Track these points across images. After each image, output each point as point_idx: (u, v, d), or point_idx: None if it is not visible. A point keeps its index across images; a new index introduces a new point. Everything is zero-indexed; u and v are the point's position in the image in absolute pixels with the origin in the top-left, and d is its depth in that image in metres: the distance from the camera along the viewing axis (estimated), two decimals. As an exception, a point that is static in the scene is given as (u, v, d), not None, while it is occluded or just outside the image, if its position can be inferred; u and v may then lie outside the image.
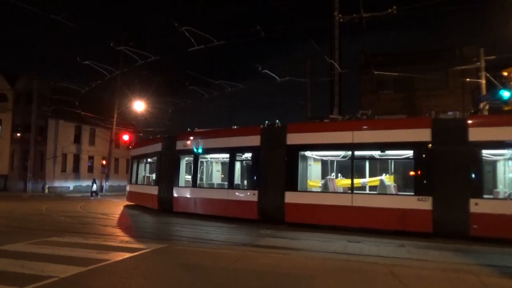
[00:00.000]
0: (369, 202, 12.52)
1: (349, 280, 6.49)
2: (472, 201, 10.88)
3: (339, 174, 15.05)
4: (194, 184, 17.06)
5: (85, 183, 39.94)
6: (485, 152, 11.59)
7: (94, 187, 31.00)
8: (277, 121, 14.70)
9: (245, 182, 16.59)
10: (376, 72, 19.01)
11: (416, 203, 11.61)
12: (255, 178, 14.64)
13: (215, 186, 18.20)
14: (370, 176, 14.46)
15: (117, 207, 21.31)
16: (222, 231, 12.40)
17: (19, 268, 6.61)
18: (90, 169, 42.75)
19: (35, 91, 33.52)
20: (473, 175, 11.16)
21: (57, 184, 37.27)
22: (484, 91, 17.99)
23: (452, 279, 6.56)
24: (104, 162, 42.18)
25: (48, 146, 37.62)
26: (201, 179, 18.77)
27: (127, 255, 7.90)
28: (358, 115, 13.86)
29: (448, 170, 11.42)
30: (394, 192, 13.07)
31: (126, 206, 21.72)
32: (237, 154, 15.79)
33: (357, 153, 13.11)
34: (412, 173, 12.58)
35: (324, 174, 15.35)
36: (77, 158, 40.94)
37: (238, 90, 20.70)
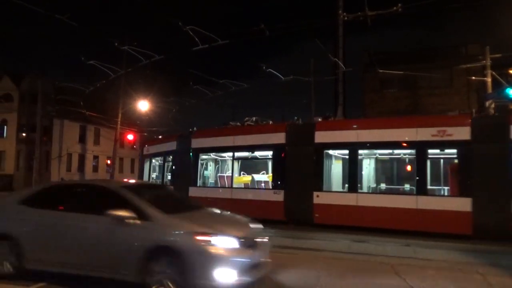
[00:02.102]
0: (241, 195, 14.93)
1: (355, 280, 6.47)
2: (315, 193, 12.90)
3: (242, 172, 16.90)
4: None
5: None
6: (326, 152, 13.66)
7: None
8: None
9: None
10: (380, 71, 18.93)
11: (273, 195, 13.86)
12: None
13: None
14: (255, 173, 16.63)
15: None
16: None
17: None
18: (95, 168, 42.99)
19: (40, 91, 33.68)
20: (316, 172, 13.26)
21: (62, 183, 37.50)
22: (489, 90, 17.86)
23: (458, 278, 6.53)
24: (108, 161, 42.38)
25: (53, 146, 37.87)
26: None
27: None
28: (243, 122, 16.08)
29: (297, 168, 13.44)
30: (259, 187, 15.52)
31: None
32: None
33: (237, 154, 15.72)
34: (271, 171, 15.11)
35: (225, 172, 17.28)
36: (82, 158, 41.19)
37: (242, 89, 20.67)
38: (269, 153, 15.15)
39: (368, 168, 14.55)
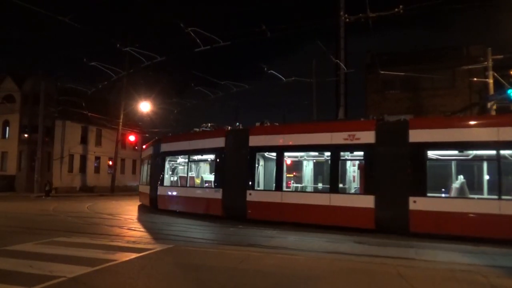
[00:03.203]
0: (192, 193, 16.96)
1: (357, 281, 6.46)
2: (248, 192, 14.33)
3: (196, 173, 18.83)
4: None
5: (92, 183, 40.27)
6: (258, 155, 14.91)
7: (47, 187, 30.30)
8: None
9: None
10: (382, 72, 18.91)
11: (215, 194, 15.46)
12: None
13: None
14: (204, 174, 18.73)
15: (123, 208, 21.42)
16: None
17: (27, 268, 6.66)
18: (97, 169, 43.01)
19: (42, 92, 33.77)
20: (249, 172, 14.55)
21: (64, 184, 37.51)
22: (491, 91, 17.82)
23: (460, 280, 6.51)
24: (110, 162, 42.41)
25: (55, 146, 37.91)
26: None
27: (133, 255, 7.93)
28: (200, 128, 17.88)
29: (234, 169, 14.93)
30: (205, 186, 17.38)
31: (133, 206, 21.81)
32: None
33: (191, 157, 17.53)
34: (214, 172, 16.58)
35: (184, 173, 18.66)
36: (83, 159, 41.21)
37: (244, 90, 20.71)
38: (212, 156, 16.69)
39: (291, 169, 15.97)
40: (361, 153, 12.95)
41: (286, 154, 14.45)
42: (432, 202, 11.45)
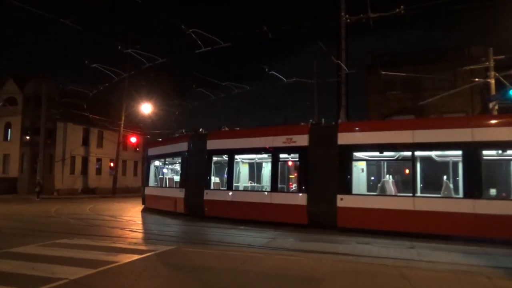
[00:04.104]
0: (161, 193, 19.24)
1: (359, 282, 6.45)
2: (205, 191, 15.74)
3: (167, 174, 20.42)
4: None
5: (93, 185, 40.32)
6: (214, 157, 16.31)
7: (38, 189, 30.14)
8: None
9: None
10: (383, 73, 18.90)
11: (179, 193, 16.96)
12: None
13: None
14: (175, 175, 19.90)
15: (125, 209, 21.43)
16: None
17: (29, 270, 6.67)
18: (98, 171, 43.07)
19: (44, 94, 33.85)
20: (206, 173, 16.00)
21: (66, 186, 37.58)
22: (493, 91, 17.78)
23: (463, 281, 6.49)
24: (112, 164, 42.46)
25: (57, 148, 37.97)
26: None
27: (135, 257, 7.94)
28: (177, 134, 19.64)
29: (195, 170, 16.49)
30: (172, 186, 18.71)
31: (134, 208, 21.82)
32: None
33: (166, 160, 19.85)
34: (179, 173, 18.06)
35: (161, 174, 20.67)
36: (85, 161, 41.28)
37: (245, 91, 20.76)
38: (179, 159, 18.12)
39: (241, 170, 17.07)
40: (297, 155, 14.02)
41: (236, 156, 15.81)
42: (356, 199, 12.48)
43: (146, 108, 32.63)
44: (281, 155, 14.45)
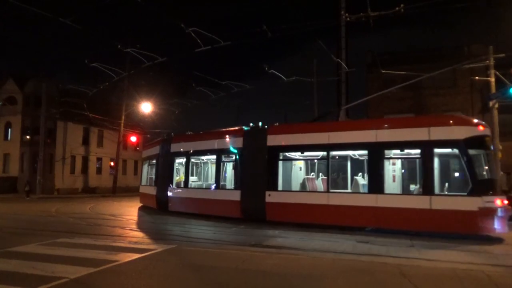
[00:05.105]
0: (144, 190, 21.98)
1: (359, 280, 6.46)
2: (169, 188, 17.88)
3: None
4: None
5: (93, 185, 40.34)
6: (177, 159, 18.07)
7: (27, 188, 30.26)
8: None
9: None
10: (383, 71, 18.88)
11: (153, 190, 19.27)
12: None
13: None
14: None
15: (125, 208, 21.44)
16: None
17: (30, 269, 6.67)
18: (99, 170, 43.08)
19: (44, 94, 33.84)
20: (171, 173, 18.04)
21: (66, 185, 37.60)
22: (493, 90, 17.77)
23: (463, 278, 6.49)
24: (112, 163, 42.47)
25: (57, 148, 37.99)
26: None
27: (136, 256, 7.94)
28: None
29: (163, 170, 18.60)
30: (150, 185, 20.69)
31: (135, 207, 21.83)
32: None
33: (150, 161, 21.70)
34: (154, 173, 20.21)
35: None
36: (85, 160, 41.30)
37: (245, 90, 20.81)
38: (154, 161, 20.23)
39: (196, 170, 19.16)
40: (233, 156, 15.60)
41: (191, 157, 17.67)
42: (281, 195, 13.81)
43: (146, 107, 32.63)
44: (223, 156, 16.21)
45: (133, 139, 40.23)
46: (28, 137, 37.60)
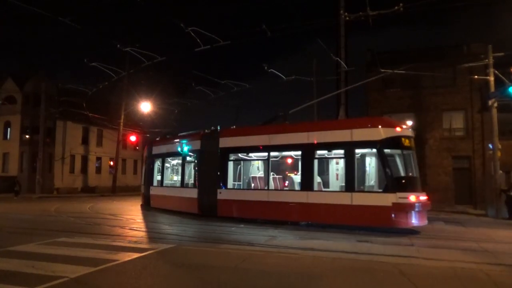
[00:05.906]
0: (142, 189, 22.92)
1: (358, 279, 6.47)
2: (151, 188, 20.38)
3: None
4: None
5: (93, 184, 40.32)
6: (157, 160, 20.33)
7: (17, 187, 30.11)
8: None
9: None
10: (382, 70, 18.85)
11: (142, 188, 22.01)
12: None
13: None
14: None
15: (125, 208, 21.45)
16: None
17: (29, 268, 6.68)
18: (98, 170, 43.05)
19: (43, 93, 33.78)
20: (152, 174, 20.48)
21: (66, 185, 37.57)
22: (492, 89, 17.78)
23: (462, 277, 6.51)
24: (111, 163, 42.43)
25: (57, 147, 37.93)
26: None
27: (135, 255, 7.95)
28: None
29: (148, 171, 21.01)
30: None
31: (134, 207, 21.84)
32: None
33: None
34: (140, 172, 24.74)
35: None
36: (85, 159, 41.25)
37: (245, 90, 20.83)
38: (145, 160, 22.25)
39: (168, 170, 20.74)
40: (194, 157, 17.10)
41: (166, 159, 19.87)
42: (229, 192, 15.17)
43: (145, 106, 32.58)
44: (187, 158, 17.56)
45: (133, 138, 40.15)
46: (27, 136, 37.56)
